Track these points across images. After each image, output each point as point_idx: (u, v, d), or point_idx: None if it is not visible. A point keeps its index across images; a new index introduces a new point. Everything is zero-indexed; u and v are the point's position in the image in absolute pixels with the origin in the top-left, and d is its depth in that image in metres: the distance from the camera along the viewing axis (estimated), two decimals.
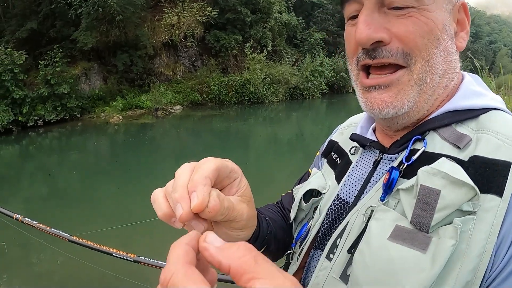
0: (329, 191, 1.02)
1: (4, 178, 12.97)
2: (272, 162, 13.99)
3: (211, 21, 27.00)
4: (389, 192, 0.80)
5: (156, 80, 26.33)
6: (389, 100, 0.83)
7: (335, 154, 1.11)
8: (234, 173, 0.75)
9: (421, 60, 0.81)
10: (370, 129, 1.04)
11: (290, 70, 31.37)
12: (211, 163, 0.69)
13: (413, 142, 0.85)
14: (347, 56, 0.93)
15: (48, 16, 24.29)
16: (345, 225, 0.87)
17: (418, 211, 0.71)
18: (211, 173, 0.67)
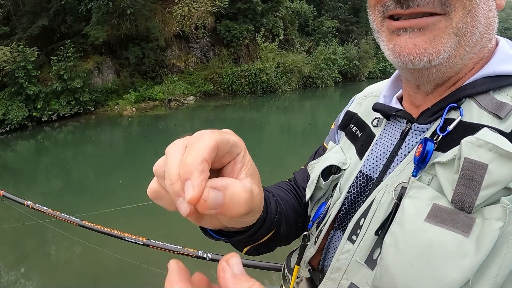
0: (350, 167, 0.95)
1: (21, 172, 13.11)
2: (285, 151, 13.97)
3: (222, 11, 26.89)
4: (422, 167, 0.72)
5: (169, 72, 26.26)
6: (423, 45, 0.72)
7: (355, 126, 1.03)
8: (236, 147, 0.59)
9: (462, 8, 0.71)
10: (395, 97, 0.95)
11: (303, 58, 31.07)
12: (207, 140, 0.53)
13: (447, 110, 0.76)
14: (369, 5, 0.83)
15: (58, 12, 24.37)
16: (369, 203, 0.81)
17: (461, 188, 0.62)
18: (208, 153, 0.52)
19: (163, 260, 0.65)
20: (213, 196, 0.51)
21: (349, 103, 1.16)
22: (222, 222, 0.65)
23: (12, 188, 11.53)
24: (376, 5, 0.80)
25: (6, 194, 4.47)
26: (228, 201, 0.52)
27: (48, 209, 3.89)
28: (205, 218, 0.64)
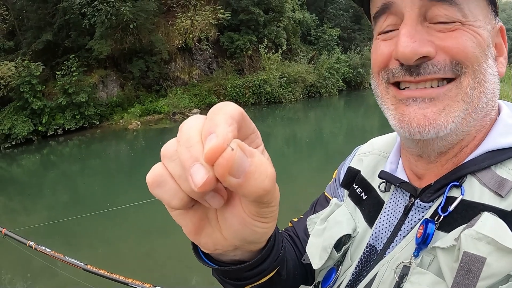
0: (360, 234, 0.93)
1: (27, 186, 13.11)
2: (292, 162, 13.94)
3: (224, 23, 26.95)
4: (423, 248, 0.73)
5: (173, 85, 26.35)
6: (433, 116, 0.72)
7: (359, 187, 1.00)
8: (256, 136, 0.51)
9: (472, 73, 0.72)
10: (400, 164, 0.93)
11: (306, 68, 31.13)
12: (233, 106, 0.47)
13: (449, 188, 0.76)
14: (372, 71, 0.83)
15: (62, 27, 24.56)
16: (373, 276, 0.81)
17: (460, 278, 0.63)
18: (238, 115, 0.46)
19: None
20: (239, 155, 0.42)
21: (350, 156, 1.14)
22: (226, 238, 0.55)
23: (18, 202, 11.56)
24: (380, 72, 0.79)
25: (8, 232, 4.39)
26: (254, 169, 0.43)
27: (51, 251, 3.85)
28: (207, 229, 0.55)
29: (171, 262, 6.49)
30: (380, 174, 0.93)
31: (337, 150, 15.46)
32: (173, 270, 6.37)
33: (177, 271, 6.32)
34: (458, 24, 0.71)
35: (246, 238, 0.54)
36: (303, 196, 8.30)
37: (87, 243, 7.88)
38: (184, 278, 6.13)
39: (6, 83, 20.09)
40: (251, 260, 0.68)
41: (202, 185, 0.42)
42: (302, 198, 8.54)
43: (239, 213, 0.51)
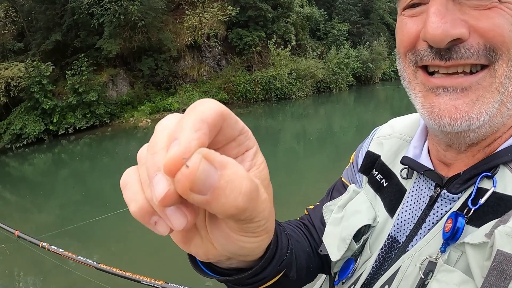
0: (380, 224, 0.87)
1: (39, 184, 13.18)
2: (302, 158, 13.89)
3: (233, 19, 26.93)
4: (451, 243, 0.68)
5: (182, 82, 26.36)
6: (465, 108, 0.65)
7: (379, 174, 0.94)
8: (246, 137, 0.46)
9: (507, 60, 0.64)
10: (425, 149, 0.87)
11: (316, 63, 30.95)
12: (211, 104, 0.41)
13: (480, 178, 0.70)
14: (398, 52, 0.76)
15: (71, 27, 24.66)
16: (395, 270, 0.76)
17: (491, 279, 0.58)
18: (212, 117, 0.39)
19: None
20: (204, 168, 0.36)
21: (368, 138, 1.07)
22: (217, 248, 0.50)
23: (30, 201, 11.64)
24: (407, 53, 0.72)
25: (21, 234, 4.44)
26: (224, 185, 0.37)
27: (64, 252, 3.88)
28: (196, 239, 0.51)
29: (183, 260, 6.47)
30: (402, 159, 0.87)
31: (347, 146, 15.38)
32: (185, 267, 6.34)
33: (189, 269, 6.28)
34: (496, 2, 0.62)
35: (235, 252, 0.50)
36: (313, 192, 8.27)
37: (99, 242, 7.90)
38: (196, 276, 6.09)
39: (16, 84, 20.23)
40: (250, 269, 0.63)
41: (162, 199, 0.37)
42: (312, 194, 8.60)
43: (222, 227, 0.47)
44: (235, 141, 0.44)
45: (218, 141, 0.42)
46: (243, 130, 0.44)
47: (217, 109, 0.40)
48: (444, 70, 0.67)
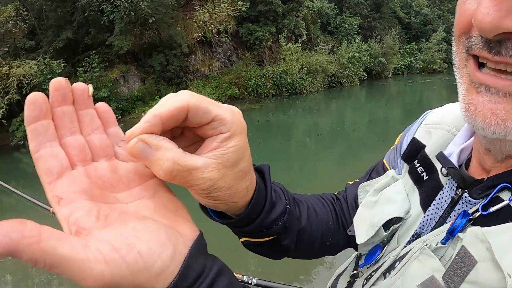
0: (411, 218, 0.84)
1: None
2: (313, 153, 13.81)
3: (243, 14, 26.83)
4: (450, 238, 0.67)
5: (193, 78, 26.31)
6: (503, 116, 0.57)
7: (421, 166, 0.88)
8: (220, 124, 0.55)
9: None
10: (458, 148, 0.82)
11: (327, 58, 30.79)
12: (176, 99, 0.53)
13: (499, 188, 0.66)
14: (454, 31, 0.66)
15: (82, 24, 24.71)
16: (407, 251, 0.76)
17: (450, 271, 0.60)
18: (166, 112, 0.52)
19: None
20: (139, 147, 0.51)
21: (417, 122, 0.98)
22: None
23: (44, 196, 11.61)
24: (460, 36, 0.63)
25: None
26: (154, 159, 0.52)
27: None
28: None
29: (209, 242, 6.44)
30: (437, 155, 0.81)
31: (358, 141, 15.28)
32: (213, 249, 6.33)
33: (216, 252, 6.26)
34: None
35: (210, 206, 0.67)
36: (325, 187, 8.16)
37: None
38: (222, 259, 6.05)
39: (28, 81, 20.29)
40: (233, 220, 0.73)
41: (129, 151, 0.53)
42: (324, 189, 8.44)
43: None
44: (209, 124, 0.55)
45: (191, 123, 0.55)
46: (216, 118, 0.55)
47: (177, 105, 0.52)
48: (492, 65, 0.58)
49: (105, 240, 0.43)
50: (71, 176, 0.51)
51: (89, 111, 0.57)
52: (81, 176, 0.52)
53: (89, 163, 0.54)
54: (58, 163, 0.51)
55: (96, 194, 0.51)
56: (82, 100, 0.56)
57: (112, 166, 0.56)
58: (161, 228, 0.49)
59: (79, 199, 0.49)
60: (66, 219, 0.47)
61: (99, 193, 0.51)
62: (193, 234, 0.53)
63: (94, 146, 0.56)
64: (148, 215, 0.51)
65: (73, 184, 0.50)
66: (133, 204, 0.53)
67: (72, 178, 0.51)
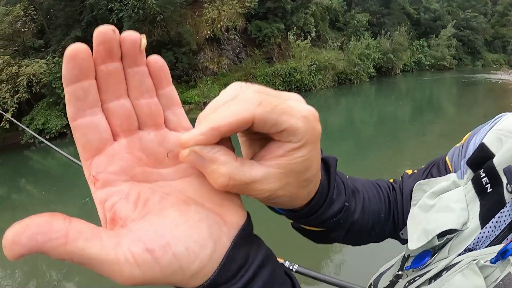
0: (468, 230, 0.77)
1: (63, 178, 13.19)
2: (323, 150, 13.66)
3: (252, 11, 26.80)
4: (501, 259, 0.63)
5: (202, 75, 26.31)
6: None
7: (487, 177, 0.80)
8: (290, 134, 0.45)
9: None
10: None
11: (336, 55, 30.63)
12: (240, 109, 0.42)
13: None
14: None
15: (91, 23, 24.71)
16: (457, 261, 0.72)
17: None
18: (226, 127, 0.42)
19: None
20: (191, 158, 0.44)
21: (487, 125, 0.87)
22: None
23: (54, 194, 11.63)
24: None
25: None
26: (208, 172, 0.45)
27: None
28: None
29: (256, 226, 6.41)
30: (505, 168, 0.74)
31: (368, 138, 15.15)
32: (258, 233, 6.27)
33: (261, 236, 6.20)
34: None
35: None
36: None
37: None
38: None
39: (38, 80, 20.32)
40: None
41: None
42: None
43: None
44: (278, 134, 0.45)
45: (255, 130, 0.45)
46: (287, 129, 0.44)
47: (240, 117, 0.42)
48: None
49: (139, 239, 0.39)
50: (111, 151, 0.44)
51: (140, 69, 0.46)
52: (122, 152, 0.45)
53: (133, 133, 0.46)
54: (97, 136, 0.43)
55: (137, 173, 0.45)
56: (132, 55, 0.45)
57: (159, 137, 0.48)
58: (203, 221, 0.43)
59: (117, 180, 0.43)
60: (101, 204, 0.42)
61: (140, 171, 0.46)
62: (239, 220, 0.47)
63: (142, 113, 0.47)
64: (193, 196, 0.46)
65: (112, 162, 0.44)
66: (179, 182, 0.47)
67: (112, 155, 0.44)
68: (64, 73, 0.41)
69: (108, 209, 0.41)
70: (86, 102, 0.42)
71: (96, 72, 0.42)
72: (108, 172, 0.43)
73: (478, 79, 35.29)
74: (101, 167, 0.43)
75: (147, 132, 0.47)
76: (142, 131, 0.47)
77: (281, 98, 0.46)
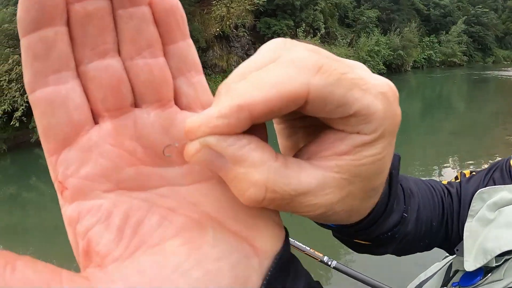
0: None
1: None
2: None
3: (260, 8, 26.72)
4: None
5: (211, 73, 26.25)
6: None
7: None
8: (361, 121, 0.28)
9: None
10: None
11: (346, 51, 30.41)
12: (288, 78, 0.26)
13: None
14: None
15: None
16: None
17: None
18: (264, 104, 0.26)
19: None
20: (201, 157, 0.28)
21: None
22: None
23: None
24: None
25: None
26: (230, 178, 0.28)
27: None
28: None
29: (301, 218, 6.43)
30: None
31: None
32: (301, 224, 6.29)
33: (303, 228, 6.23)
34: None
35: None
36: None
37: None
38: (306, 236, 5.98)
39: None
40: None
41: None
42: None
43: None
44: (341, 120, 0.29)
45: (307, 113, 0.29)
46: (359, 113, 0.28)
47: (286, 91, 0.26)
48: None
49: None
50: (88, 142, 0.28)
51: (138, 10, 0.28)
52: (104, 143, 0.29)
53: (124, 113, 0.29)
54: (67, 117, 0.28)
55: (127, 176, 0.29)
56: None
57: (164, 119, 0.30)
58: (225, 258, 0.28)
59: (95, 190, 0.28)
60: (71, 225, 0.28)
61: (133, 172, 0.29)
62: (275, 245, 0.31)
63: (139, 81, 0.29)
64: (211, 210, 0.30)
65: (89, 159, 0.28)
66: (191, 189, 0.30)
67: (88, 148, 0.28)
68: (18, 18, 0.26)
69: (80, 235, 0.27)
70: (49, 62, 0.26)
71: (69, 14, 0.26)
72: (81, 176, 0.28)
73: (489, 75, 34.98)
74: (72, 167, 0.28)
75: (145, 111, 0.30)
76: (138, 110, 0.30)
77: (346, 63, 0.29)
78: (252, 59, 0.30)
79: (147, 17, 0.29)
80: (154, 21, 0.29)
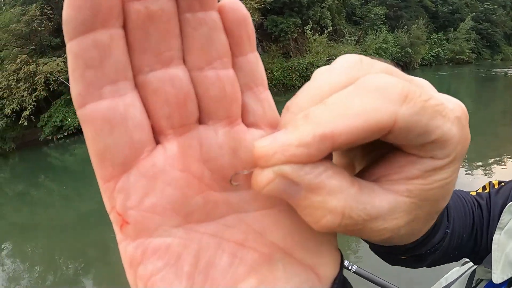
0: None
1: (81, 174, 13.21)
2: None
3: (267, 6, 26.62)
4: None
5: None
6: None
7: None
8: (436, 148, 0.26)
9: None
10: None
11: (353, 49, 30.35)
12: (373, 107, 0.23)
13: None
14: None
15: None
16: None
17: None
18: (347, 133, 0.23)
19: None
20: (277, 188, 0.25)
21: None
22: None
23: (72, 189, 11.65)
24: None
25: None
26: (302, 205, 0.26)
27: None
28: None
29: None
30: None
31: None
32: None
33: None
34: None
35: None
36: None
37: None
38: None
39: (55, 78, 20.48)
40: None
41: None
42: None
43: None
44: (418, 146, 0.27)
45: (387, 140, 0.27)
46: (438, 140, 0.26)
47: (372, 121, 0.24)
48: None
49: None
50: (152, 166, 0.25)
51: (207, 15, 0.25)
52: (171, 168, 0.25)
53: (189, 130, 0.26)
54: (126, 138, 0.24)
55: (196, 207, 0.26)
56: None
57: (232, 141, 0.27)
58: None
59: (163, 226, 0.25)
60: (132, 267, 0.25)
61: (201, 202, 0.26)
62: (334, 270, 0.30)
63: (207, 96, 0.26)
64: (278, 240, 0.28)
65: (154, 188, 0.25)
66: (257, 216, 0.28)
67: (153, 174, 0.25)
68: (65, 18, 0.24)
69: (143, 278, 0.25)
70: (103, 71, 0.23)
71: (126, 15, 0.23)
72: (146, 208, 0.25)
73: (497, 73, 34.67)
74: (133, 197, 0.25)
75: (212, 128, 0.27)
76: (203, 127, 0.26)
77: (423, 86, 0.28)
78: (325, 77, 0.27)
79: (218, 25, 0.26)
80: (224, 30, 0.26)
